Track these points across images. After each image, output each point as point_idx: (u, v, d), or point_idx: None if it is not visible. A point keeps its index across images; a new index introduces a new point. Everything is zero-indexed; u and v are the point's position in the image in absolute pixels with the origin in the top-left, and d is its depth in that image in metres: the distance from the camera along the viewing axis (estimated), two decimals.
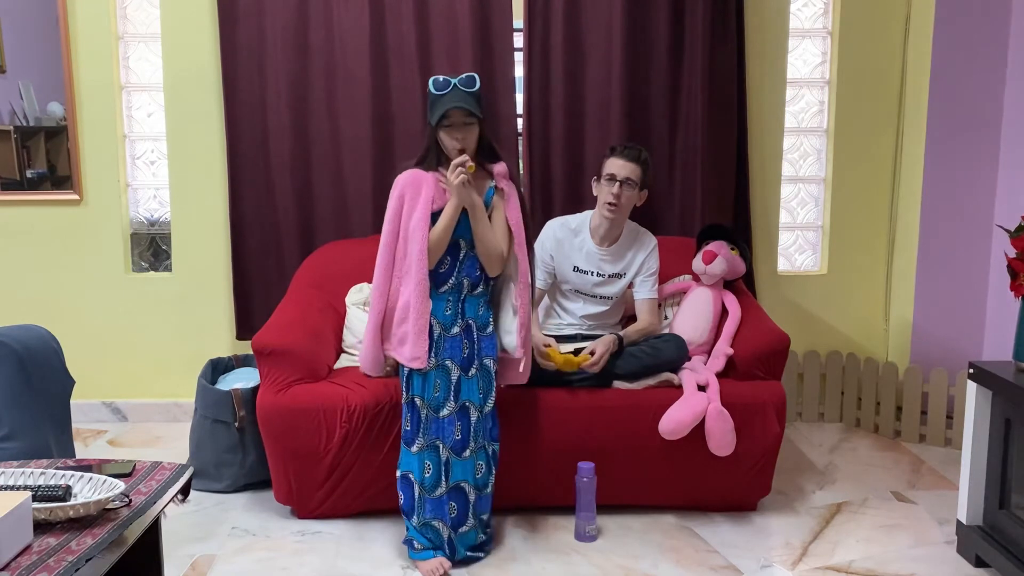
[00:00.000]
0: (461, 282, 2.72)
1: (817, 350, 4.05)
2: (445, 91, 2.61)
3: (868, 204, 4.03)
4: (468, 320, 2.72)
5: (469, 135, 2.64)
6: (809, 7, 3.97)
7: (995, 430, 2.68)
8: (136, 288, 3.96)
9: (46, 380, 2.73)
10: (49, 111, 3.82)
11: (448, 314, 2.70)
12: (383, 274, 2.67)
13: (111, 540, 1.82)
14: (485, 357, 2.73)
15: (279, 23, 3.65)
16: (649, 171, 3.17)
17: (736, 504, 3.08)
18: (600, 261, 3.20)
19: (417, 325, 2.60)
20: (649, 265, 3.22)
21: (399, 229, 2.65)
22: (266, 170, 3.75)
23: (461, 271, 2.72)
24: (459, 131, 2.62)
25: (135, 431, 3.90)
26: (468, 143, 2.64)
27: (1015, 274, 2.63)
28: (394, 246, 2.66)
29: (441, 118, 2.60)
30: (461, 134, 2.62)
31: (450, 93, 2.60)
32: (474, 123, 2.64)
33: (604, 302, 3.23)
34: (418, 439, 2.68)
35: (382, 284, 2.67)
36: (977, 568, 2.72)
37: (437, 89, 2.62)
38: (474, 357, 2.72)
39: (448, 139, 2.64)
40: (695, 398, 2.92)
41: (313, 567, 2.71)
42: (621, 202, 3.08)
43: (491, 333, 2.76)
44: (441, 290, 2.71)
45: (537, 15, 3.68)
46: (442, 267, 2.70)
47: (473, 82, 2.63)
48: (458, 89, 2.61)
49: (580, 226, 3.22)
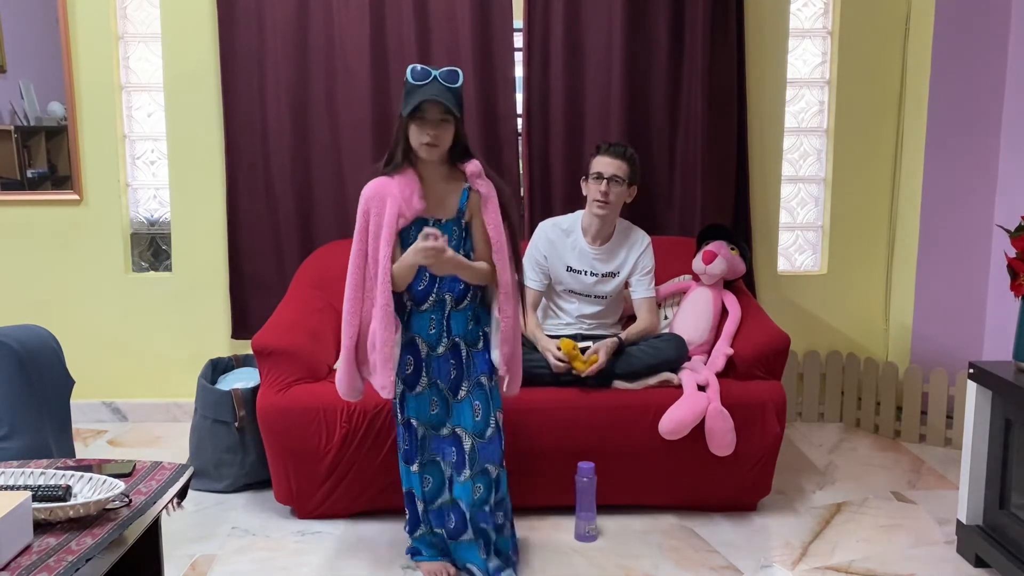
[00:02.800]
0: (443, 298, 2.50)
1: (817, 350, 4.05)
2: (424, 82, 2.36)
3: (868, 204, 4.03)
4: (455, 338, 2.52)
5: (443, 133, 2.39)
6: (809, 7, 3.97)
7: (995, 430, 2.68)
8: (136, 288, 3.96)
9: (46, 380, 2.73)
10: (49, 111, 3.82)
11: (432, 332, 2.51)
12: (353, 296, 2.45)
13: (111, 540, 1.82)
14: (480, 375, 2.54)
15: (279, 23, 3.65)
16: (637, 167, 3.16)
17: (736, 504, 3.08)
18: (593, 260, 3.20)
19: (383, 353, 2.40)
20: (644, 263, 3.21)
21: (367, 249, 2.44)
22: (266, 170, 3.76)
23: (442, 286, 2.50)
24: (432, 127, 2.37)
25: (135, 431, 3.90)
26: (441, 141, 2.39)
27: (1015, 274, 2.63)
28: (363, 266, 2.45)
29: (414, 110, 2.35)
30: (434, 131, 2.37)
31: (428, 85, 2.36)
32: (450, 121, 2.39)
33: (599, 301, 3.23)
34: (417, 457, 2.58)
35: (353, 307, 2.45)
36: (977, 568, 2.72)
37: (415, 79, 2.38)
38: (463, 378, 2.53)
39: (418, 134, 2.38)
40: (695, 398, 2.92)
41: (313, 567, 2.71)
42: (610, 199, 3.09)
43: (483, 348, 2.55)
44: (422, 308, 2.51)
45: (537, 15, 3.68)
46: (420, 284, 2.49)
47: (455, 77, 2.40)
48: (437, 82, 2.37)
49: (572, 226, 3.22)
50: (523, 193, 3.78)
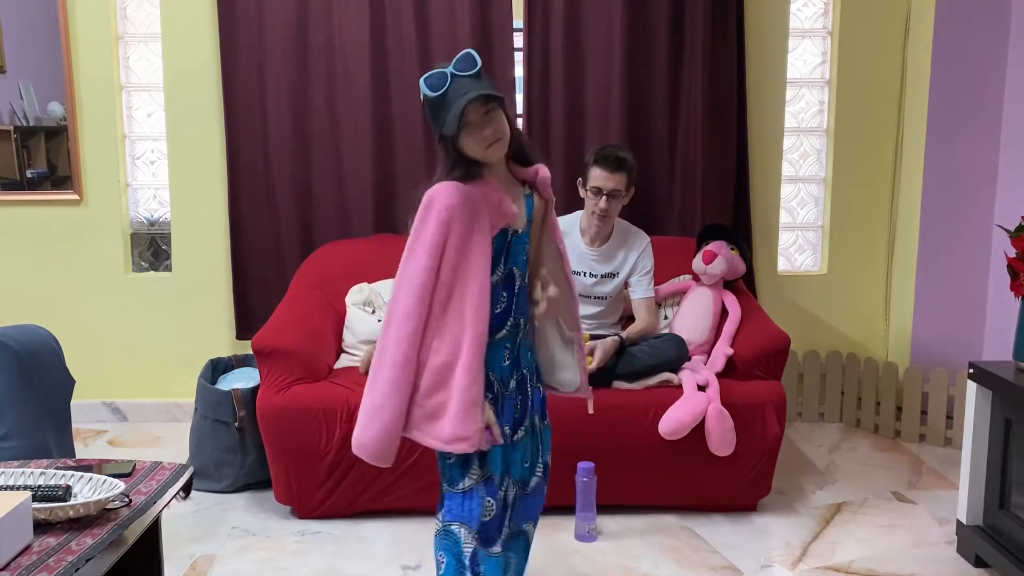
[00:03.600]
0: (518, 322, 2.09)
1: (817, 350, 4.05)
2: (446, 87, 1.93)
3: (868, 204, 4.02)
4: (523, 370, 2.12)
5: (499, 124, 1.96)
6: (809, 7, 3.97)
7: (995, 430, 2.68)
8: (136, 288, 3.96)
9: (46, 380, 2.73)
10: (49, 111, 3.82)
11: (506, 365, 2.07)
12: (414, 328, 1.92)
13: (111, 540, 1.82)
14: (537, 415, 2.18)
15: (279, 23, 3.65)
16: (634, 172, 3.16)
17: (736, 504, 3.08)
18: (592, 261, 3.21)
19: (470, 395, 1.92)
20: (643, 264, 3.21)
21: (439, 266, 1.94)
22: (266, 170, 3.75)
23: (519, 308, 2.09)
24: (487, 125, 1.94)
25: (135, 431, 3.90)
26: (502, 132, 1.97)
27: (1015, 274, 2.63)
28: (432, 289, 1.94)
29: (461, 122, 1.92)
30: (490, 128, 1.95)
31: (454, 86, 1.93)
32: (496, 108, 1.95)
33: (599, 302, 3.23)
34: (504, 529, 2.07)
35: (412, 341, 1.93)
36: (977, 568, 2.72)
37: (433, 89, 1.94)
38: (524, 416, 2.13)
39: (475, 140, 1.95)
40: (695, 398, 2.92)
41: (313, 567, 2.71)
42: (609, 213, 3.12)
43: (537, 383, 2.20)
44: (498, 336, 2.04)
45: (537, 15, 3.68)
46: (498, 306, 2.03)
47: (473, 61, 1.95)
48: (461, 79, 1.94)
49: (570, 228, 3.22)
50: None
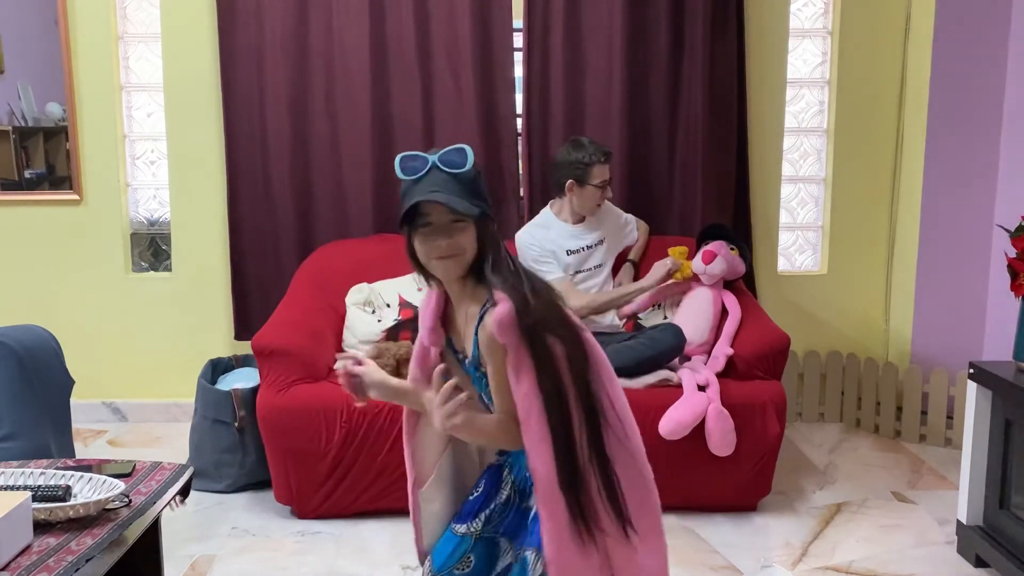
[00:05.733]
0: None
1: (817, 350, 4.05)
2: (417, 176, 1.59)
3: (868, 204, 4.02)
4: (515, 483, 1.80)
5: (460, 239, 1.59)
6: (809, 7, 3.97)
7: (995, 430, 2.68)
8: (136, 288, 3.95)
9: (46, 380, 2.73)
10: (47, 111, 3.82)
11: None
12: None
13: (111, 540, 1.82)
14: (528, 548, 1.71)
15: (278, 23, 3.65)
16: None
17: (736, 504, 3.08)
18: (581, 235, 3.34)
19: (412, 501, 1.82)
20: (621, 218, 3.49)
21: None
22: (265, 170, 3.75)
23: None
24: (443, 235, 1.58)
25: (135, 431, 3.90)
26: (459, 249, 1.59)
27: (1015, 274, 2.63)
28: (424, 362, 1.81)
29: (414, 216, 1.59)
30: (447, 239, 1.58)
31: (425, 178, 1.59)
32: (466, 222, 1.59)
33: (600, 270, 3.38)
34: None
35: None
36: (977, 568, 2.72)
37: (407, 172, 1.60)
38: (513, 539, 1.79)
39: (425, 247, 1.61)
40: (695, 398, 2.92)
41: (313, 567, 2.71)
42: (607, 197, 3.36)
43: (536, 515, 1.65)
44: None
45: (537, 15, 3.68)
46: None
47: (462, 158, 1.59)
48: (438, 171, 1.59)
49: (547, 221, 3.35)
50: (522, 193, 3.79)
